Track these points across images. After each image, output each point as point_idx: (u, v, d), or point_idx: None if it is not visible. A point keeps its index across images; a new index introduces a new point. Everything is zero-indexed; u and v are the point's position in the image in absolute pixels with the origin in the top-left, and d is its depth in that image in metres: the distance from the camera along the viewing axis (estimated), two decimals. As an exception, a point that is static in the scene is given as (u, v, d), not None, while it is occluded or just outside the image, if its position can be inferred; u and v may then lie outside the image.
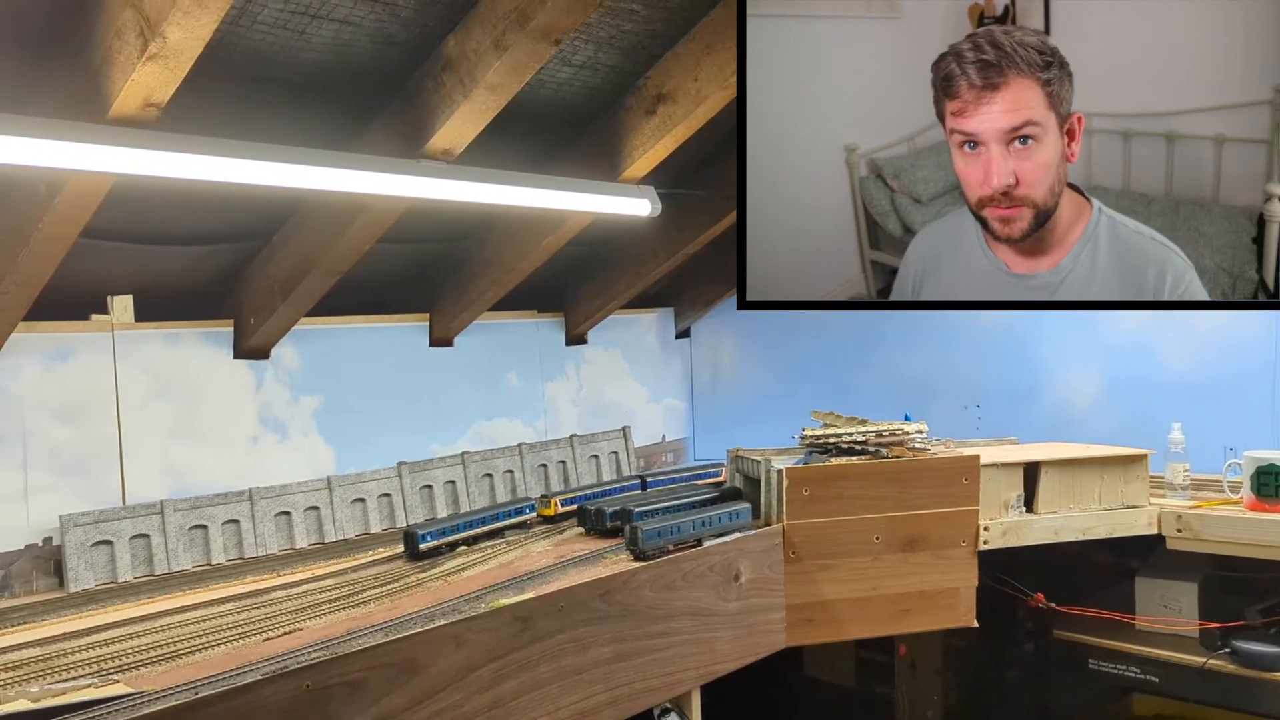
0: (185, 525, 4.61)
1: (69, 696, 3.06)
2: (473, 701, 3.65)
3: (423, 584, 4.33)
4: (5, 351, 4.13)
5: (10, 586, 4.13)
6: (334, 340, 5.41)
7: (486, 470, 6.07)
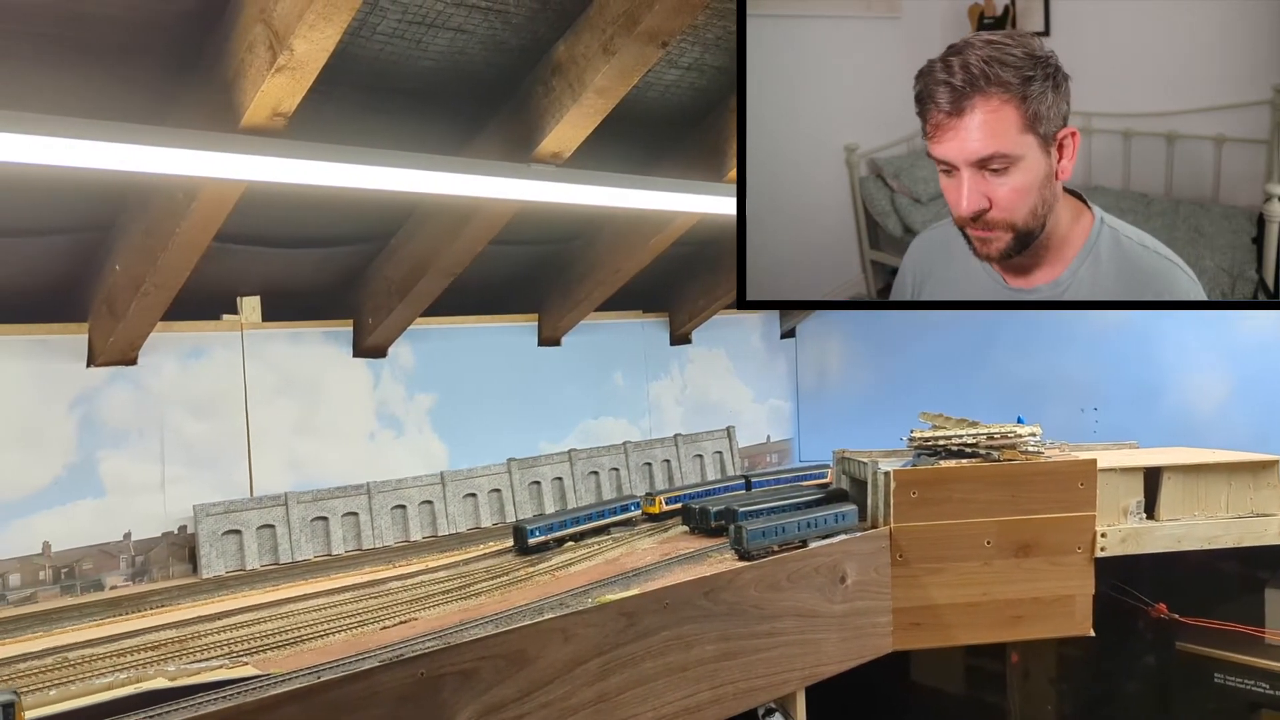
0: (307, 517, 4.82)
1: (203, 676, 3.24)
2: (579, 694, 3.72)
3: (531, 578, 4.42)
4: (145, 350, 4.39)
5: (149, 571, 4.38)
6: (447, 340, 5.56)
7: (593, 468, 6.15)
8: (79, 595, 4.14)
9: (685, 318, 6.88)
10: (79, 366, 4.25)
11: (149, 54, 3.44)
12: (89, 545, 4.22)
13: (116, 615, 3.95)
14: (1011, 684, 5.45)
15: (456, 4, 3.74)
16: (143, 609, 4.03)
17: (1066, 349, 6.50)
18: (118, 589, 4.25)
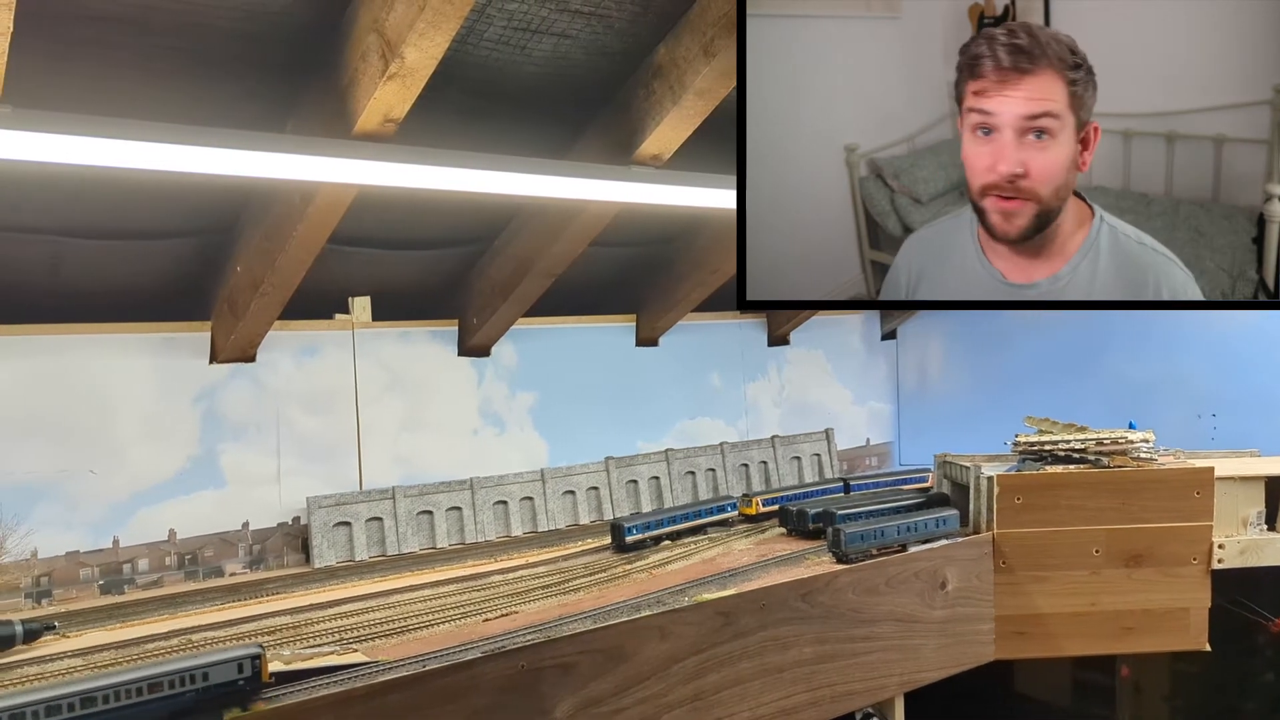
0: (414, 510, 4.97)
1: (315, 661, 3.37)
2: (676, 691, 3.75)
3: (629, 575, 4.48)
4: (263, 347, 4.59)
5: (265, 560, 4.58)
6: (548, 339, 5.66)
7: (689, 468, 6.18)
8: (201, 581, 4.36)
9: (784, 318, 6.85)
10: (202, 363, 4.46)
11: (269, 64, 3.60)
12: (210, 533, 4.43)
13: (236, 601, 4.14)
14: (1121, 699, 5.29)
15: (560, 10, 3.81)
16: (259, 595, 4.22)
17: (1183, 352, 6.27)
18: (236, 576, 4.46)
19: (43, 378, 4.04)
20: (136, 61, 3.38)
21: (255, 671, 2.99)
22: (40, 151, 2.91)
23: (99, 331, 4.18)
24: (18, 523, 3.93)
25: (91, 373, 4.16)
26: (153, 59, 3.39)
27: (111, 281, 4.22)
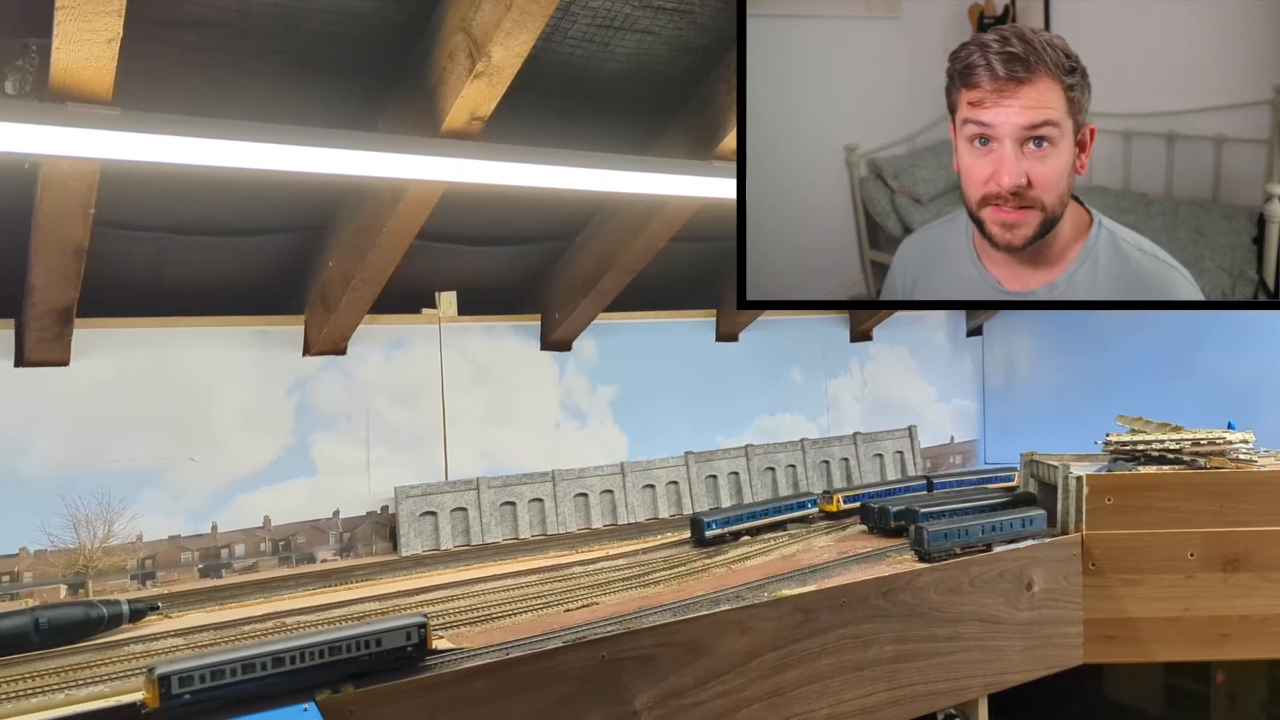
0: (497, 501, 5.06)
1: (402, 646, 3.46)
2: (755, 686, 3.76)
3: (708, 569, 4.49)
4: (354, 340, 4.72)
5: (354, 547, 4.71)
6: (628, 334, 5.70)
7: (769, 464, 6.16)
8: (294, 566, 4.51)
9: (866, 314, 6.78)
10: (296, 355, 4.61)
11: (361, 65, 3.69)
12: (303, 521, 4.58)
13: (327, 586, 4.27)
14: (1216, 707, 5.12)
15: (644, 6, 3.83)
16: (349, 582, 4.35)
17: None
18: (327, 562, 4.60)
19: (147, 369, 4.22)
20: (235, 64, 3.50)
21: (422, 639, 3.21)
22: (146, 152, 3.04)
23: (199, 325, 4.36)
24: (124, 507, 4.12)
25: (192, 364, 4.34)
26: (251, 61, 3.51)
27: (212, 276, 4.39)
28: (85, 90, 2.89)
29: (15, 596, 3.87)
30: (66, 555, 3.99)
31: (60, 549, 3.98)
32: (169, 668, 2.79)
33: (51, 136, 2.90)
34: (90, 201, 3.34)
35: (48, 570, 3.95)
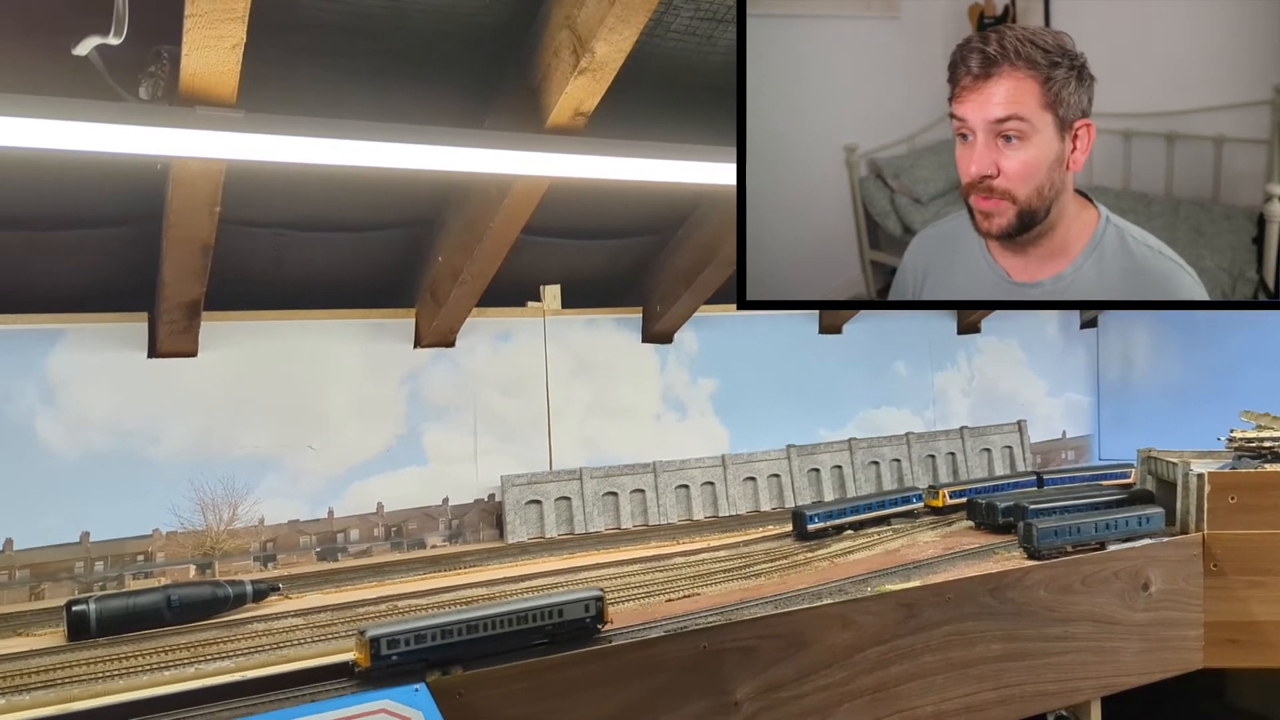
0: (599, 491, 5.13)
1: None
2: (858, 681, 3.73)
3: (810, 563, 4.47)
4: (462, 333, 4.85)
5: (463, 534, 4.85)
6: (729, 327, 5.70)
7: (873, 457, 6.09)
8: (406, 552, 4.66)
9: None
10: (407, 348, 4.76)
11: (469, 64, 3.78)
12: (414, 508, 4.73)
13: (436, 571, 4.41)
14: (1349, 717, 4.87)
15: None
16: (458, 567, 4.47)
17: None
18: (437, 548, 4.74)
19: (269, 360, 4.42)
20: (350, 65, 3.63)
21: (599, 611, 3.40)
22: (268, 152, 3.18)
23: (317, 317, 4.54)
24: (248, 492, 4.33)
25: (310, 355, 4.52)
26: (364, 62, 3.63)
27: (328, 271, 4.56)
28: (212, 94, 3.03)
29: (149, 575, 4.10)
30: (195, 537, 4.21)
31: (189, 531, 4.21)
32: (378, 630, 3.06)
33: (181, 139, 3.06)
34: (216, 200, 3.50)
35: (178, 551, 4.17)
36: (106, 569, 4.04)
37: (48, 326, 4.00)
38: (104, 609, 3.50)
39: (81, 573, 4.00)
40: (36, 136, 2.80)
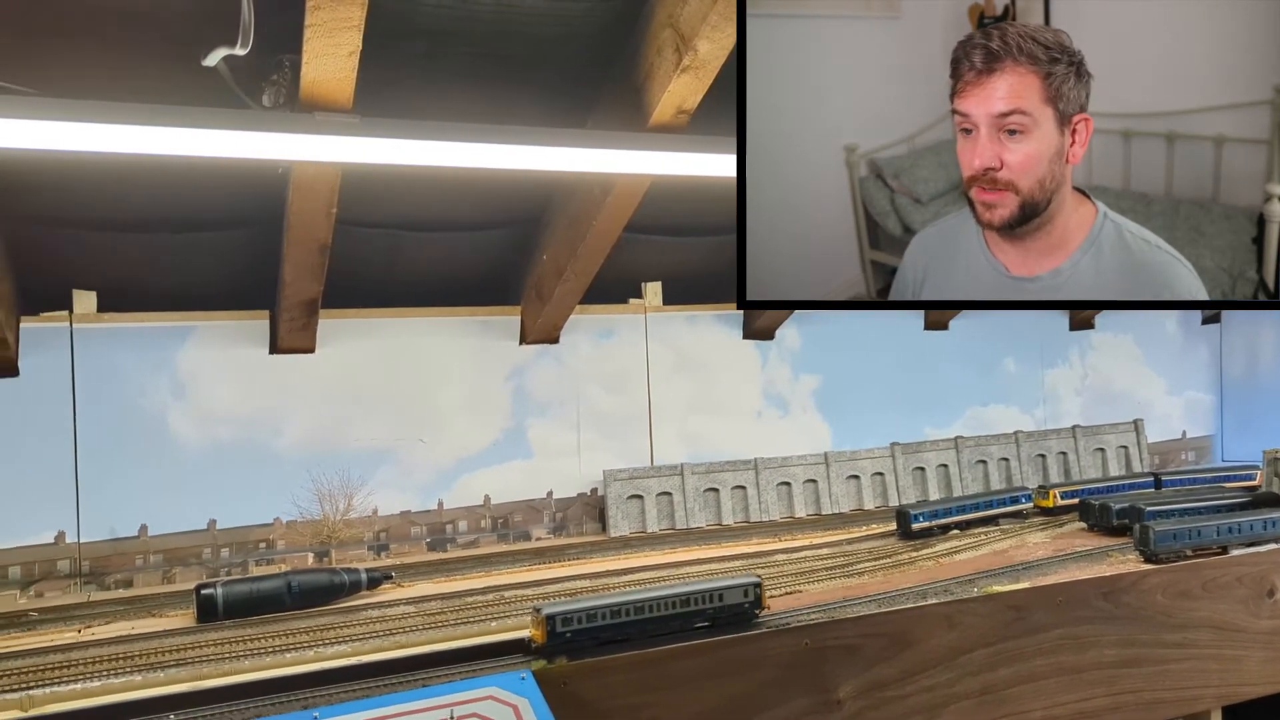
0: (700, 487, 5.15)
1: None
2: (964, 683, 3.67)
3: (915, 562, 4.41)
4: (565, 330, 4.94)
5: (566, 527, 4.93)
6: (832, 323, 5.65)
7: (980, 456, 5.97)
8: (511, 543, 4.77)
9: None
10: (512, 344, 4.87)
11: (573, 64, 3.85)
12: (519, 500, 4.83)
13: (541, 563, 4.50)
14: None
15: (850, -8, 3.79)
16: (562, 560, 4.56)
17: None
18: (541, 540, 4.83)
19: (381, 356, 4.58)
20: (459, 69, 3.73)
21: (757, 598, 3.50)
22: (382, 155, 3.30)
23: (427, 315, 4.68)
24: (362, 483, 4.49)
25: (421, 352, 4.66)
26: (473, 66, 3.73)
27: (437, 269, 4.69)
28: (329, 100, 3.16)
29: (270, 562, 4.29)
30: (313, 526, 4.39)
31: (307, 520, 4.39)
32: (553, 609, 3.22)
33: (301, 144, 3.19)
34: (333, 202, 3.65)
35: (297, 539, 4.36)
36: (232, 555, 4.25)
37: (179, 324, 4.23)
38: (230, 593, 3.69)
39: (209, 558, 4.21)
40: (170, 144, 2.97)
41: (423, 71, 3.70)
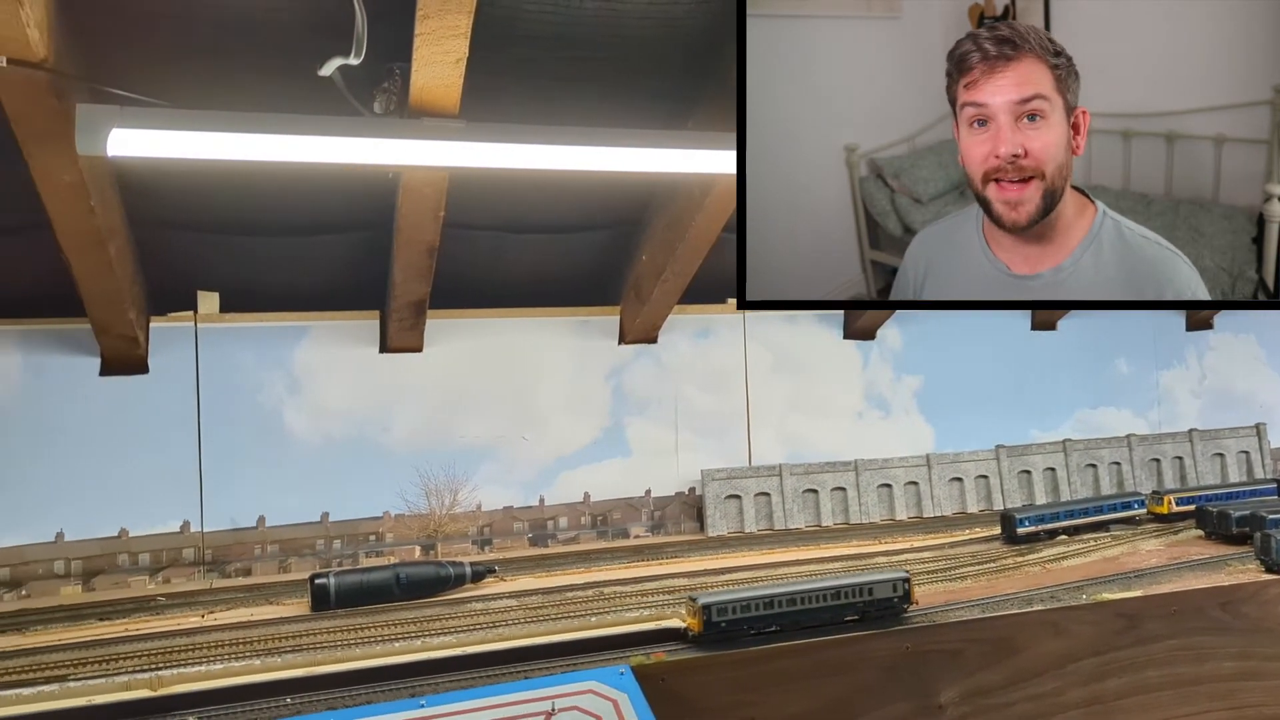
0: (799, 488, 5.13)
1: (709, 621, 3.62)
2: (1072, 692, 3.58)
3: (1020, 567, 4.32)
4: (663, 329, 4.97)
5: (664, 526, 4.97)
6: (935, 323, 5.56)
7: (1090, 460, 5.79)
8: (610, 540, 4.82)
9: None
10: (612, 343, 4.93)
11: (675, 67, 3.87)
12: (618, 498, 4.89)
13: (639, 560, 4.54)
14: None
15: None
16: (660, 558, 4.60)
17: None
18: (640, 538, 4.88)
19: (485, 355, 4.69)
20: (562, 72, 3.79)
21: (905, 592, 3.58)
22: (487, 159, 3.38)
23: (529, 315, 4.78)
24: (467, 479, 4.61)
25: (523, 351, 4.76)
26: (575, 69, 3.79)
27: (539, 270, 4.78)
28: (437, 106, 3.26)
29: (379, 554, 4.44)
30: (420, 520, 4.53)
31: (415, 514, 4.52)
32: (709, 599, 3.37)
33: (410, 149, 3.29)
34: (440, 205, 3.75)
35: (405, 532, 4.50)
36: (343, 547, 4.41)
37: (295, 323, 4.41)
38: (342, 583, 3.83)
39: (322, 549, 4.38)
40: (290, 151, 3.10)
41: (526, 75, 3.78)
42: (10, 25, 2.59)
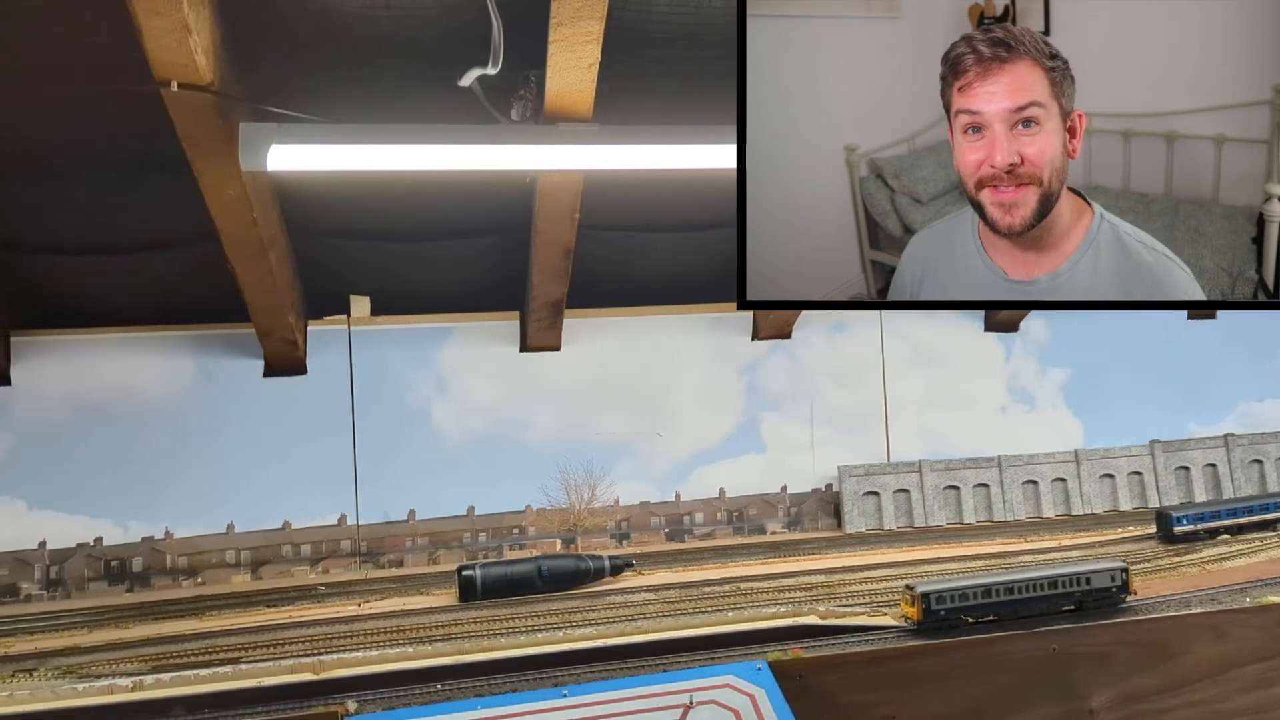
0: (939, 485, 5.03)
1: (847, 619, 3.61)
2: (1234, 700, 3.42)
3: (1176, 568, 4.14)
4: (797, 325, 4.96)
5: (801, 522, 4.95)
6: (1082, 316, 5.33)
7: (1255, 456, 5.47)
8: (746, 536, 4.84)
9: (1386, 284, 5.75)
10: (745, 340, 4.94)
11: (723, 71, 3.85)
12: (753, 494, 4.90)
13: (776, 557, 4.55)
14: None
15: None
16: (796, 554, 4.60)
17: None
18: (776, 535, 4.88)
19: (621, 353, 4.78)
20: (693, 71, 3.83)
21: (1124, 582, 3.60)
22: (620, 160, 3.45)
23: (661, 313, 4.84)
24: (605, 474, 4.71)
25: (657, 349, 4.83)
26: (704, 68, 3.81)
27: (672, 268, 4.83)
28: (571, 110, 3.35)
29: (522, 546, 4.58)
30: (560, 514, 4.65)
31: (555, 508, 4.65)
32: (927, 587, 3.44)
33: (547, 154, 3.40)
34: (575, 207, 3.85)
35: (546, 526, 4.63)
36: (488, 540, 4.57)
37: (440, 325, 4.60)
38: (488, 575, 3.98)
39: (468, 542, 4.55)
40: (435, 160, 3.24)
41: (658, 77, 3.83)
42: (180, 52, 2.80)
